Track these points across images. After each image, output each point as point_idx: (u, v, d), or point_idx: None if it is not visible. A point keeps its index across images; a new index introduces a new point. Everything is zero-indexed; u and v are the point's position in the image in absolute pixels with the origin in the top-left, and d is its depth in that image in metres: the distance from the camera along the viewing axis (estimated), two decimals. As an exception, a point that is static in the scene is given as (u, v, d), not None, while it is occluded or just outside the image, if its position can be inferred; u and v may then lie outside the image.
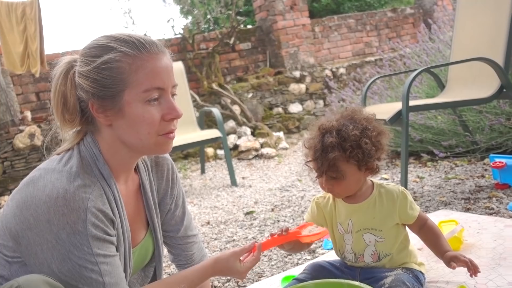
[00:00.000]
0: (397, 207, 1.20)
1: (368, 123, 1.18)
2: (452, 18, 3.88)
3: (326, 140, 1.16)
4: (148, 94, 0.96)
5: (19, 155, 3.90)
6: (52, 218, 0.89)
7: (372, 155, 1.16)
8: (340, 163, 1.15)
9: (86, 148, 1.01)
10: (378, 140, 1.17)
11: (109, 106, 0.97)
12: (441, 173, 2.67)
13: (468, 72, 2.61)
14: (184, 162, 4.54)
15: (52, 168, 0.96)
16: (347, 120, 1.18)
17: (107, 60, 0.95)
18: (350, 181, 1.18)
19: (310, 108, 5.39)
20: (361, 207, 1.22)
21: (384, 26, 6.31)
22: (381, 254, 1.21)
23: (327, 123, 1.19)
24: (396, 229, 1.22)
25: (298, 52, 5.43)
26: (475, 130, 2.78)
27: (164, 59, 1.00)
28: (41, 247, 0.91)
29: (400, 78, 3.85)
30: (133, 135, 0.98)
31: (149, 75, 0.96)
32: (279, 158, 4.17)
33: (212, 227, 2.47)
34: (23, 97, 4.38)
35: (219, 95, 4.90)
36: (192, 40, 5.02)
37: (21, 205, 0.93)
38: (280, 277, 1.58)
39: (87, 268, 0.91)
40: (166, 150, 1.04)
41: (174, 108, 0.99)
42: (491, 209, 1.92)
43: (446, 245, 1.20)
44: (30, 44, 3.59)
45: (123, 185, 1.08)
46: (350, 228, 1.23)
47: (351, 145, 1.14)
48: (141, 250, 1.14)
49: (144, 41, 0.98)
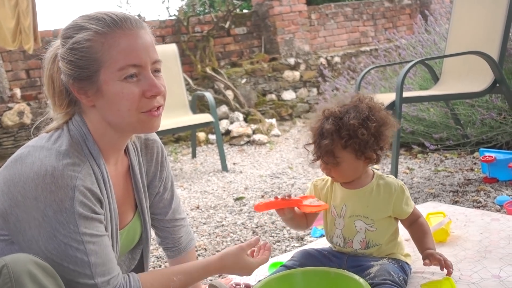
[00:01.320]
0: (393, 201, 1.21)
1: (372, 113, 1.16)
2: (449, 10, 3.87)
3: (325, 126, 1.16)
4: (124, 72, 0.93)
5: (7, 132, 3.85)
6: (39, 196, 0.89)
7: (369, 145, 1.15)
8: (336, 150, 1.16)
9: (75, 127, 1.00)
10: (380, 131, 1.16)
11: (88, 87, 0.95)
12: (431, 165, 2.69)
13: (462, 66, 2.61)
14: (175, 145, 4.52)
15: (41, 145, 0.94)
16: (351, 108, 1.17)
17: (77, 40, 0.94)
18: (346, 168, 1.19)
19: (303, 95, 5.38)
20: (357, 194, 1.23)
21: (380, 16, 6.27)
22: (370, 242, 1.22)
23: (331, 108, 1.19)
24: (388, 221, 1.23)
25: (293, 39, 5.39)
26: (467, 123, 2.79)
27: (141, 35, 0.96)
28: (29, 224, 0.91)
29: (394, 69, 3.85)
30: (115, 113, 0.96)
31: (123, 52, 0.93)
32: (270, 145, 4.17)
33: (201, 211, 2.47)
34: (12, 74, 4.30)
35: (213, 80, 4.86)
36: (187, 23, 4.95)
37: (8, 182, 0.92)
38: (268, 263, 1.59)
39: (72, 246, 0.90)
40: (151, 128, 1.01)
41: (154, 85, 0.96)
42: (479, 203, 1.94)
43: (430, 243, 1.21)
44: (23, 20, 3.50)
45: (112, 166, 1.07)
46: (343, 213, 1.24)
47: (348, 133, 1.13)
48: (128, 231, 1.14)
49: (118, 17, 0.95)
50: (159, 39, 4.88)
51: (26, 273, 0.81)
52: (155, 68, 0.99)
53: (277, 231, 2.01)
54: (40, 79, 4.41)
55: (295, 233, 1.95)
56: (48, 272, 0.85)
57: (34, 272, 0.82)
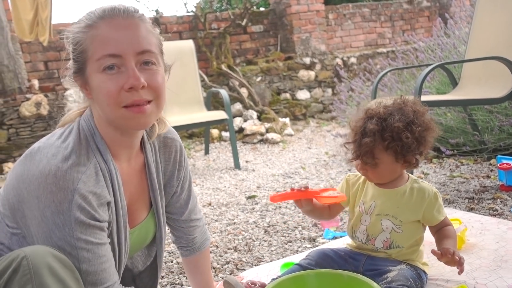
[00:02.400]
0: (424, 206, 1.20)
1: (416, 117, 1.15)
2: (469, 14, 3.81)
3: (368, 125, 1.14)
4: (101, 62, 0.90)
5: (24, 123, 3.91)
6: (40, 195, 0.88)
7: (412, 149, 1.14)
8: (377, 151, 1.15)
9: (85, 121, 1.00)
10: (423, 136, 1.15)
11: (83, 80, 0.95)
12: (446, 170, 2.66)
13: (482, 71, 2.57)
14: (188, 141, 4.54)
15: (51, 143, 0.94)
16: (396, 110, 1.15)
17: (70, 33, 0.95)
18: (384, 170, 1.18)
19: (318, 95, 5.35)
20: (389, 193, 1.22)
21: (398, 17, 6.21)
22: (393, 243, 1.21)
23: (375, 108, 1.17)
24: (415, 226, 1.22)
25: (310, 38, 5.36)
26: (484, 129, 2.75)
27: (126, 24, 0.91)
28: (31, 221, 0.91)
29: (411, 71, 3.80)
30: (100, 107, 0.94)
31: (101, 42, 0.90)
32: (283, 144, 4.16)
33: (213, 208, 2.48)
34: (31, 65, 4.36)
35: (228, 77, 4.87)
36: (204, 19, 4.96)
37: (18, 178, 0.93)
38: (280, 263, 1.59)
39: (66, 251, 0.88)
40: (137, 126, 0.95)
41: (132, 76, 0.89)
42: (495, 211, 1.92)
43: (451, 244, 1.19)
44: (40, 12, 3.55)
45: (124, 163, 1.05)
46: (371, 210, 1.23)
47: (392, 135, 1.12)
48: (140, 230, 1.12)
49: (106, 8, 0.93)
50: (176, 35, 4.90)
51: (45, 266, 0.81)
52: (142, 59, 0.92)
53: (289, 231, 2.01)
54: (58, 71, 4.46)
55: (307, 233, 1.94)
56: (66, 265, 0.85)
57: (53, 265, 0.82)
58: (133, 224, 1.09)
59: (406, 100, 1.19)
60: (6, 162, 3.85)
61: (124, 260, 1.05)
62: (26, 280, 0.79)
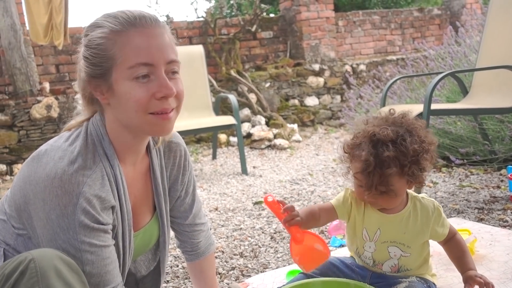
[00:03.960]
0: (430, 225, 1.14)
1: (423, 135, 1.08)
2: (481, 22, 3.79)
3: (382, 153, 1.04)
4: (134, 70, 0.90)
5: (35, 125, 3.95)
6: (46, 197, 0.89)
7: (426, 170, 1.07)
8: (393, 179, 1.05)
9: (94, 126, 1.00)
10: (432, 154, 1.08)
11: (102, 85, 0.94)
12: (456, 180, 2.63)
13: (493, 80, 2.54)
14: (196, 146, 4.55)
15: (58, 146, 0.95)
16: (401, 129, 1.06)
17: (92, 37, 0.94)
18: (394, 195, 1.09)
19: (326, 102, 5.34)
20: (394, 219, 1.15)
21: (409, 25, 6.19)
22: (402, 268, 1.17)
23: (380, 132, 1.05)
24: (422, 246, 1.17)
25: (319, 45, 5.36)
26: (495, 139, 2.72)
27: (156, 33, 0.93)
28: (37, 223, 0.92)
29: (421, 79, 3.78)
30: (124, 113, 0.95)
31: (134, 50, 0.91)
32: (291, 150, 4.15)
33: (220, 213, 2.47)
34: (43, 68, 4.41)
35: (237, 82, 4.88)
36: (214, 25, 4.98)
37: (26, 179, 0.93)
38: (286, 270, 1.58)
39: (70, 253, 0.89)
40: (162, 132, 0.97)
41: (165, 86, 0.92)
42: (505, 222, 1.89)
43: (470, 263, 1.15)
44: (55, 16, 3.60)
45: (130, 167, 1.05)
46: (376, 238, 1.16)
47: (410, 160, 1.04)
48: (144, 234, 1.12)
49: (133, 15, 0.93)
50: (186, 40, 4.92)
51: (52, 269, 0.81)
52: (170, 69, 0.95)
53: (296, 238, 1.99)
54: (69, 74, 4.51)
55: (314, 241, 1.93)
56: (73, 268, 0.86)
57: (60, 268, 0.83)
58: (137, 228, 1.10)
59: (404, 115, 1.11)
60: (16, 164, 3.89)
61: (128, 263, 1.05)
62: (33, 283, 0.79)
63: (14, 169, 3.86)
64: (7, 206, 0.99)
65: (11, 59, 3.94)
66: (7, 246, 0.98)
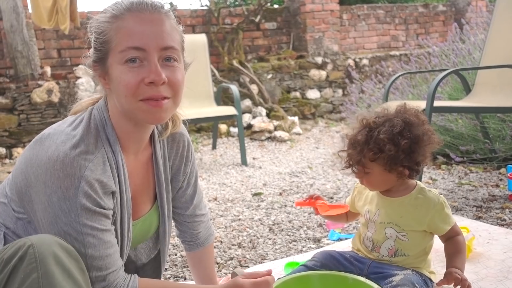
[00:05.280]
0: (429, 217, 1.18)
1: (408, 128, 1.14)
2: (486, 20, 3.77)
3: (357, 136, 1.18)
4: (124, 54, 0.90)
5: (35, 109, 3.93)
6: (47, 180, 0.89)
7: (399, 161, 1.13)
8: (366, 162, 1.17)
9: (98, 111, 1.00)
10: (413, 148, 1.13)
11: (102, 70, 0.95)
12: (455, 177, 2.64)
13: (497, 79, 2.54)
14: (196, 135, 4.54)
15: (61, 130, 0.95)
16: (387, 120, 1.16)
17: (94, 22, 0.95)
18: (376, 179, 1.19)
19: (328, 96, 5.33)
20: (393, 202, 1.22)
21: (413, 21, 6.15)
22: (399, 251, 1.20)
23: (368, 118, 1.19)
24: (422, 235, 1.20)
25: (323, 38, 5.33)
26: (496, 138, 2.72)
27: (153, 19, 0.92)
28: (38, 206, 0.92)
29: (424, 76, 3.77)
30: (117, 98, 0.95)
31: (127, 34, 0.91)
32: (291, 143, 4.15)
33: (219, 203, 2.48)
34: (44, 52, 4.38)
35: (239, 73, 4.86)
36: (218, 14, 4.95)
37: (27, 162, 0.93)
38: (284, 262, 1.59)
39: (71, 235, 0.89)
40: (153, 120, 0.96)
41: (154, 71, 0.90)
42: (503, 220, 1.90)
43: (458, 262, 1.17)
44: (60, 0, 3.56)
45: (132, 155, 1.05)
46: (375, 218, 1.24)
47: (376, 147, 1.13)
48: (143, 223, 1.12)
49: (132, 2, 0.93)
50: (189, 29, 4.89)
51: (51, 255, 0.81)
52: (166, 55, 0.93)
53: (294, 230, 2.00)
54: (71, 59, 4.48)
55: (312, 234, 1.94)
56: (72, 255, 0.86)
57: (59, 254, 0.83)
58: (136, 216, 1.10)
59: (404, 109, 1.18)
60: (16, 147, 3.89)
61: (126, 251, 1.05)
62: (32, 269, 0.79)
63: (13, 152, 3.86)
64: (8, 189, 1.00)
65: (12, 42, 3.91)
66: (6, 230, 0.98)
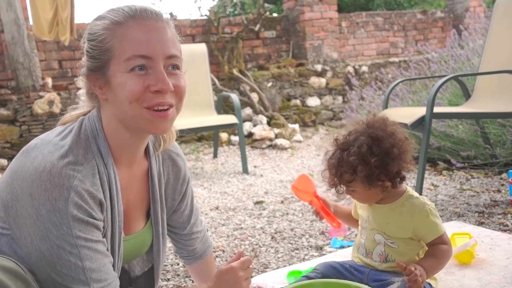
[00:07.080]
0: (413, 224, 1.18)
1: (375, 144, 1.14)
2: (484, 26, 3.79)
3: (331, 159, 1.21)
4: (130, 62, 0.88)
5: (37, 120, 3.95)
6: (34, 192, 0.85)
7: (374, 178, 1.14)
8: (345, 182, 1.20)
9: (89, 122, 0.97)
10: (385, 162, 1.14)
11: (101, 79, 0.92)
12: (456, 183, 2.63)
13: (496, 84, 2.55)
14: (197, 144, 4.55)
15: (49, 140, 0.92)
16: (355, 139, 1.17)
17: (93, 29, 0.92)
18: (361, 195, 1.23)
19: (328, 103, 5.35)
20: (380, 209, 1.24)
21: (412, 27, 6.19)
22: (389, 257, 1.21)
23: (339, 138, 1.21)
24: (411, 242, 1.21)
25: (322, 46, 5.36)
26: (496, 143, 2.72)
27: (157, 27, 0.91)
28: (25, 220, 0.87)
29: (424, 82, 3.78)
30: (119, 106, 0.91)
31: (132, 42, 0.89)
32: (292, 150, 4.16)
33: (220, 212, 2.48)
34: (45, 64, 4.41)
35: (239, 81, 4.88)
36: (217, 23, 4.99)
37: (13, 174, 0.89)
38: (286, 271, 1.58)
39: (66, 249, 0.85)
40: (157, 130, 0.94)
41: (161, 80, 0.89)
42: (505, 226, 1.89)
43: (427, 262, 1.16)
44: (60, 12, 3.60)
45: (125, 168, 1.02)
46: (366, 224, 1.27)
47: (349, 169, 1.15)
48: (136, 240, 1.09)
49: (136, 8, 0.92)
50: (189, 38, 4.93)
51: None
52: (170, 63, 0.92)
53: (296, 238, 2.00)
54: (72, 70, 4.51)
55: (315, 242, 1.94)
56: (18, 276, 0.80)
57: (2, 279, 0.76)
58: (128, 232, 1.06)
59: (372, 121, 1.19)
60: (17, 159, 3.90)
61: (118, 266, 1.02)
62: None
63: (15, 164, 3.87)
64: None
65: (14, 53, 3.95)
66: None
